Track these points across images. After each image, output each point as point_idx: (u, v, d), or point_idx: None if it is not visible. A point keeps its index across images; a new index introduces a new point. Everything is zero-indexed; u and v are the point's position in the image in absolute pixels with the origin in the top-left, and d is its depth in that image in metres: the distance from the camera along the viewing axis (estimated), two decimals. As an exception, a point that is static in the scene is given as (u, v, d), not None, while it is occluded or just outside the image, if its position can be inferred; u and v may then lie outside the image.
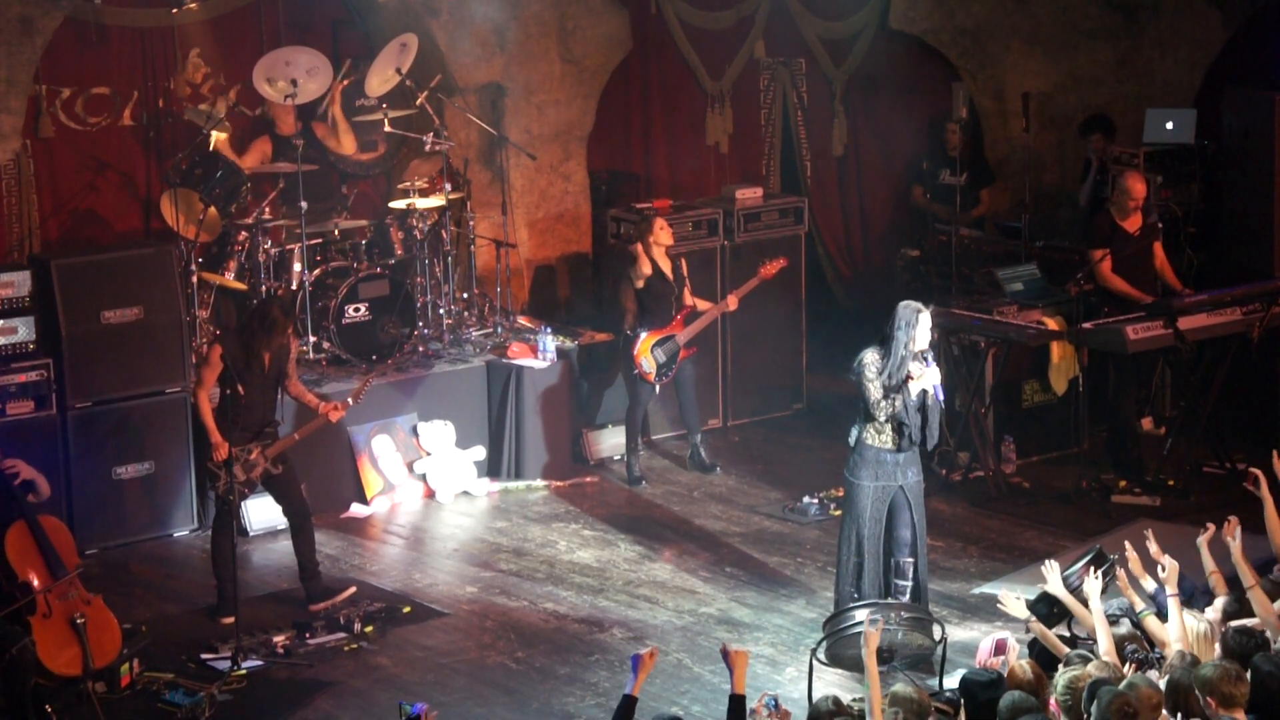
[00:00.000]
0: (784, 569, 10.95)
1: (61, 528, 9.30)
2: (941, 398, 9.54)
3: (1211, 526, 8.49)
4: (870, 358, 9.49)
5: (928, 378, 9.43)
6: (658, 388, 12.40)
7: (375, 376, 10.97)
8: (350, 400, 10.52)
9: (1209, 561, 8.48)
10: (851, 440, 9.63)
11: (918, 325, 9.41)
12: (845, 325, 14.71)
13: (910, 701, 7.12)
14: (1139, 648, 7.73)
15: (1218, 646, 7.57)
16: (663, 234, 12.42)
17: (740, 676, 7.10)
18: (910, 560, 9.62)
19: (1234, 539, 8.23)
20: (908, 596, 9.56)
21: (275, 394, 10.25)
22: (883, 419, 9.47)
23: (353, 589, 10.38)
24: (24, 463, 9.31)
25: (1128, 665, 7.54)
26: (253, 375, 10.11)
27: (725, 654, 7.16)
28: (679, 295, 12.43)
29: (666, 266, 12.42)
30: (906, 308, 9.47)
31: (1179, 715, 6.85)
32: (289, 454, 10.32)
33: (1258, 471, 8.76)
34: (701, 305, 12.50)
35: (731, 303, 12.51)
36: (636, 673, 7.08)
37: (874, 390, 9.45)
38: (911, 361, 9.42)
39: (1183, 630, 7.80)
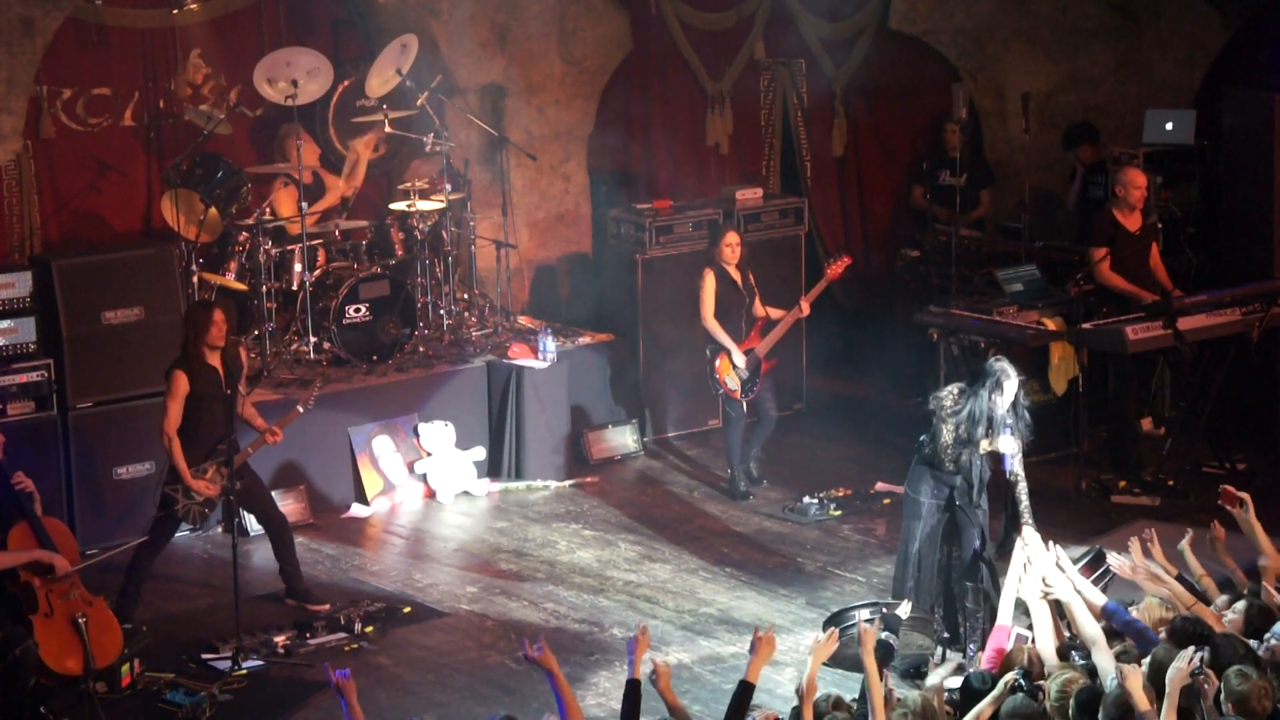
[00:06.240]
0: (784, 569, 10.96)
1: (64, 530, 9.31)
2: (1010, 468, 9.28)
3: (1191, 532, 8.57)
4: (950, 400, 9.36)
5: (1001, 443, 9.28)
6: (745, 404, 12.09)
7: (319, 385, 10.90)
8: (300, 408, 10.46)
9: (1196, 566, 8.54)
10: (916, 449, 9.54)
11: (1004, 392, 9.23)
12: (845, 325, 14.73)
13: (917, 710, 7.13)
14: (1083, 655, 7.79)
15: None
16: (726, 250, 11.97)
17: (759, 664, 7.11)
18: (979, 585, 9.44)
19: (1155, 559, 8.34)
20: (980, 622, 9.36)
21: (229, 410, 10.03)
22: (950, 467, 9.37)
23: (326, 606, 10.34)
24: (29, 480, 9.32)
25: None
26: (209, 390, 10.01)
27: (754, 639, 7.17)
28: (749, 307, 12.06)
29: (737, 277, 12.04)
30: (999, 369, 9.27)
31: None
32: (247, 467, 10.28)
33: (1232, 489, 8.79)
34: (774, 314, 12.07)
35: (804, 307, 11.97)
36: (633, 654, 7.10)
37: (946, 434, 9.34)
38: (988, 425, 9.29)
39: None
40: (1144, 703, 6.64)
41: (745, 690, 7.08)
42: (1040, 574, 8.31)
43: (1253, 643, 7.40)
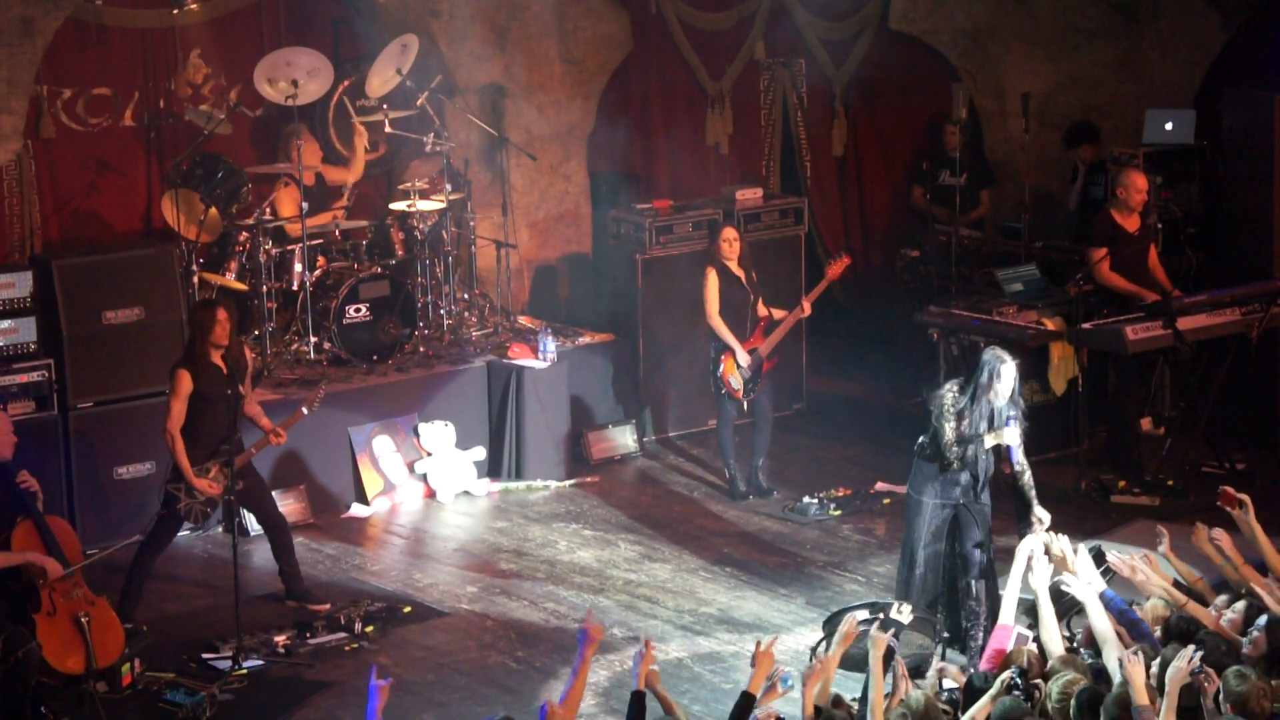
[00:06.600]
0: (784, 569, 10.96)
1: (67, 529, 9.35)
2: (1016, 459, 9.35)
3: (1167, 535, 8.60)
4: (950, 399, 9.33)
5: (1006, 435, 9.30)
6: (745, 404, 12.07)
7: (325, 388, 10.88)
8: (304, 410, 10.42)
9: (1188, 572, 8.56)
10: (916, 450, 9.53)
11: (1002, 377, 9.20)
12: (845, 325, 14.74)
13: (919, 710, 7.14)
14: (1090, 654, 7.79)
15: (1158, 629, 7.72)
16: (724, 245, 11.92)
17: (760, 677, 7.14)
18: (981, 581, 9.43)
19: (1148, 569, 8.37)
20: (982, 620, 9.35)
21: (234, 410, 10.04)
22: (956, 466, 9.36)
23: (326, 605, 10.36)
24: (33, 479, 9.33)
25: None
26: (213, 390, 10.02)
27: (755, 653, 7.22)
28: (753, 304, 12.01)
29: (740, 274, 11.97)
30: (993, 357, 9.25)
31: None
32: (250, 468, 10.29)
33: (1231, 490, 8.79)
34: (777, 314, 12.01)
35: (806, 307, 11.93)
36: (638, 667, 7.14)
37: (948, 432, 9.32)
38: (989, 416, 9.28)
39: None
40: (1143, 696, 6.65)
41: (747, 702, 7.12)
42: (1055, 570, 8.27)
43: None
